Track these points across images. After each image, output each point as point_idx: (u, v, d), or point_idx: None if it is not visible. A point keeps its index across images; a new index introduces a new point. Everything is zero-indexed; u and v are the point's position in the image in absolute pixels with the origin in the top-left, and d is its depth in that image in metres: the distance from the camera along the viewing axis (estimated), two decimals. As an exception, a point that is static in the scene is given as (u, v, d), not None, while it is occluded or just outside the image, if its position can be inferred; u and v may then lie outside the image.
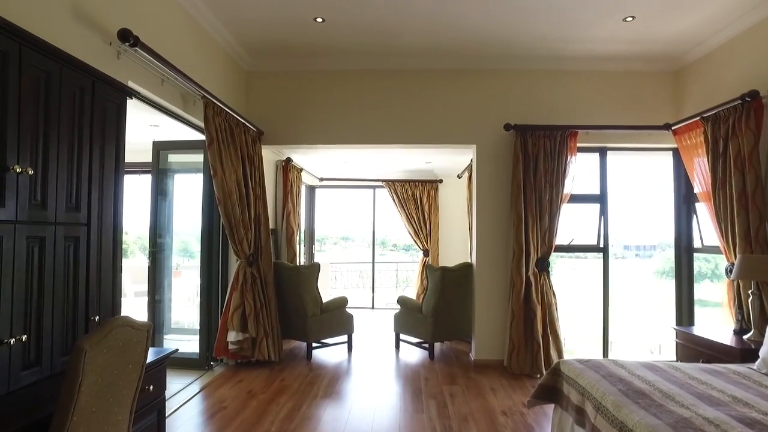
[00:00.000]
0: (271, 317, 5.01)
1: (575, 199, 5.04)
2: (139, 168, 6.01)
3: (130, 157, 6.51)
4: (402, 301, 5.80)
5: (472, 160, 6.67)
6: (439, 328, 5.31)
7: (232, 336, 4.73)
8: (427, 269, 5.40)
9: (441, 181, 9.03)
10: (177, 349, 2.62)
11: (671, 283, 5.33)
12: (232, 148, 4.45)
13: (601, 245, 5.23)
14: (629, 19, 4.13)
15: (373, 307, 9.37)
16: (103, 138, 2.46)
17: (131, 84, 3.17)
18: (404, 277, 13.37)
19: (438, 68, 5.24)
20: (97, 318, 2.33)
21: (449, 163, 7.95)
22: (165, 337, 5.70)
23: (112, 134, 2.55)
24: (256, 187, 4.98)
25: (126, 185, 2.71)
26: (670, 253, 5.39)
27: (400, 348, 5.83)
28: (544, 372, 4.60)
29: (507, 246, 5.02)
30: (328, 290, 10.36)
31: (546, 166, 4.85)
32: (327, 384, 4.48)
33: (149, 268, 4.95)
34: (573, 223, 5.32)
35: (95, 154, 2.39)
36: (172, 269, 5.70)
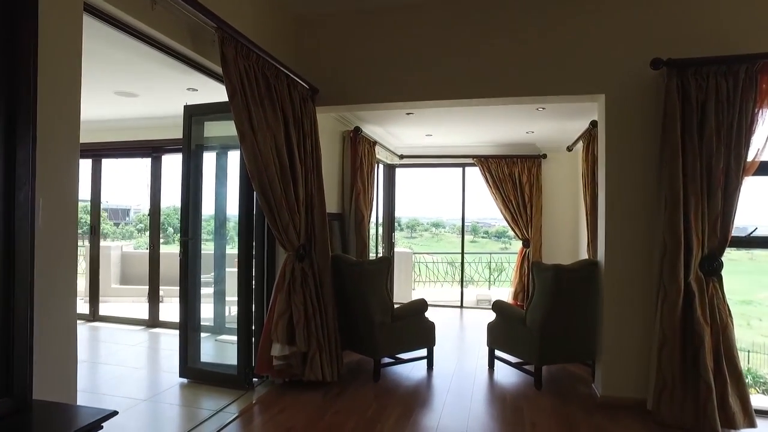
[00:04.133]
0: (327, 326, 3.92)
1: (763, 169, 3.37)
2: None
3: (168, 132, 5.74)
4: (499, 308, 4.45)
5: (592, 124, 5.12)
6: (548, 346, 3.92)
7: (276, 349, 3.70)
8: (534, 268, 4.01)
9: (545, 156, 7.43)
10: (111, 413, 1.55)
11: None
12: (269, 105, 3.36)
13: (801, 237, 3.51)
14: None
15: (461, 306, 8.06)
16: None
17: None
18: (494, 267, 11.89)
19: (549, -10, 3.78)
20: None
21: (556, 131, 6.38)
22: (217, 338, 4.90)
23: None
24: (306, 159, 3.88)
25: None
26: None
27: (495, 368, 4.50)
28: (720, 430, 3.06)
29: (653, 237, 3.48)
30: (410, 285, 9.21)
31: (719, 120, 3.23)
32: (395, 423, 3.30)
33: (180, 260, 4.04)
34: (750, 204, 3.65)
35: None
36: (227, 258, 4.87)
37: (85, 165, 6.32)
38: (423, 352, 4.53)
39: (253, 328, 3.94)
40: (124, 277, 9.15)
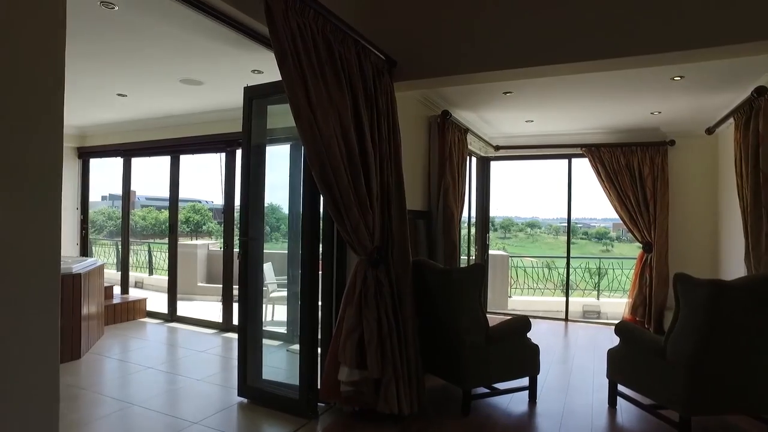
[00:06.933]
0: (406, 348, 3.20)
1: None
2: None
3: (239, 125, 5.29)
4: (625, 331, 3.47)
5: (756, 92, 3.93)
6: (702, 389, 2.90)
7: (344, 374, 3.06)
8: (680, 283, 3.00)
9: (672, 143, 6.17)
10: None
11: None
12: (332, 76, 2.73)
13: None
14: None
15: (566, 318, 6.99)
16: None
17: None
18: (595, 272, 10.44)
19: None
20: None
21: (691, 109, 5.19)
22: (289, 348, 4.45)
23: None
24: (381, 144, 3.20)
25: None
26: None
27: (617, 407, 3.54)
28: None
29: None
30: (505, 291, 8.27)
31: None
32: (489, 484, 2.52)
33: (240, 262, 3.55)
34: None
35: None
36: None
37: (165, 162, 6.18)
38: (524, 381, 3.68)
39: (320, 337, 3.36)
40: (210, 276, 9.14)
